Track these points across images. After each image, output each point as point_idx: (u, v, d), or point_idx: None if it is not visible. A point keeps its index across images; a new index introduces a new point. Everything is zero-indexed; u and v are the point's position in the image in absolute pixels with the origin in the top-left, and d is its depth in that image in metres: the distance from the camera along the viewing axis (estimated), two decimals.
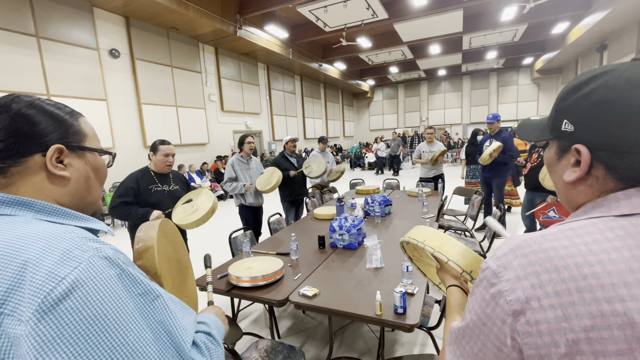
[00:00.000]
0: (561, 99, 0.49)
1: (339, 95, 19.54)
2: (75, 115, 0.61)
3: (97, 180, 0.63)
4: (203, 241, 4.79)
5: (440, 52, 13.09)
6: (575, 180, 0.47)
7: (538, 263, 0.40)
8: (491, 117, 4.40)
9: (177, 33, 8.40)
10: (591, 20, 8.96)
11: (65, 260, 0.44)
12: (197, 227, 2.27)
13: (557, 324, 0.37)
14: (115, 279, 0.47)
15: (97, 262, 0.46)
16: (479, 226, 4.59)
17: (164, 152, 2.43)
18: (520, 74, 17.89)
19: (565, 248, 0.40)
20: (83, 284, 0.43)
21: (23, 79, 5.58)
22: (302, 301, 1.65)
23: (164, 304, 0.53)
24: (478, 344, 0.44)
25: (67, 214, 0.55)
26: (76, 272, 0.43)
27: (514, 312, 0.40)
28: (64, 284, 0.42)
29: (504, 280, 0.42)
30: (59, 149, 0.55)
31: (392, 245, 2.35)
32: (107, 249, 0.49)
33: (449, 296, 0.76)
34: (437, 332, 1.86)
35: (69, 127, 0.58)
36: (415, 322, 1.42)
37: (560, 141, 0.49)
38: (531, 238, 0.44)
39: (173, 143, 8.46)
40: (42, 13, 5.83)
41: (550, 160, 0.53)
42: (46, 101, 0.57)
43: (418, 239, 0.88)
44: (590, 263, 0.38)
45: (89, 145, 0.61)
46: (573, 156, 0.47)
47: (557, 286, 0.38)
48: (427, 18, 9.26)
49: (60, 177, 0.55)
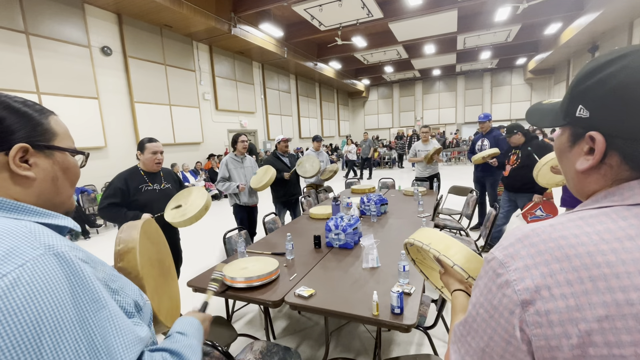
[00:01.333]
0: (577, 83, 0.46)
1: (334, 94, 19.53)
2: (46, 113, 0.58)
3: (67, 181, 0.60)
4: (197, 241, 4.74)
5: (435, 52, 13.15)
6: (587, 169, 0.45)
7: (548, 252, 0.39)
8: (483, 117, 4.45)
9: (170, 31, 8.30)
10: (583, 21, 9.07)
11: (10, 257, 0.41)
12: (190, 224, 2.23)
13: (569, 314, 0.36)
14: (62, 281, 0.44)
15: (46, 260, 0.43)
16: (474, 225, 4.61)
17: (151, 149, 2.38)
18: (513, 74, 18.07)
19: (575, 237, 0.39)
20: (23, 283, 0.40)
21: (11, 76, 5.46)
22: (297, 302, 1.63)
23: (110, 315, 0.50)
24: (485, 338, 0.43)
25: (26, 210, 0.52)
26: (18, 271, 0.40)
27: (523, 301, 0.38)
28: (3, 282, 0.39)
29: (512, 269, 0.40)
30: (23, 148, 0.52)
31: (388, 245, 2.34)
32: (63, 245, 0.47)
33: (454, 300, 0.74)
34: (433, 331, 1.85)
35: (36, 126, 0.55)
36: (413, 322, 1.41)
37: (574, 127, 0.47)
38: (539, 227, 0.42)
39: (167, 142, 8.45)
40: (32, 9, 5.71)
41: (561, 148, 0.51)
42: (14, 98, 0.55)
43: (423, 242, 0.86)
44: (603, 251, 0.37)
45: (59, 144, 0.58)
46: (587, 144, 0.45)
47: (568, 275, 0.37)
48: (421, 18, 9.28)
49: (24, 177, 0.53)
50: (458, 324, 0.49)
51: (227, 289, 1.80)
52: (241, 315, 2.72)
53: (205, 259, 3.94)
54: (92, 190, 6.35)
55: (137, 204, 2.31)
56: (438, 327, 1.97)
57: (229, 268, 1.91)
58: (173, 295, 0.87)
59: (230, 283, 1.80)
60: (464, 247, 0.80)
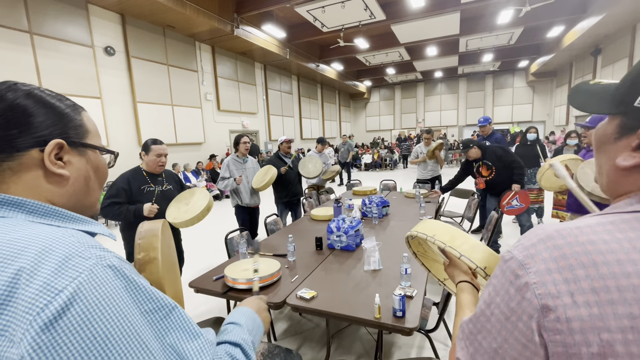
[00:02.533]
0: None
1: (336, 95, 19.55)
2: (78, 108, 0.55)
3: (97, 181, 0.58)
4: (198, 242, 4.74)
5: (437, 54, 13.15)
6: (631, 167, 0.42)
7: (573, 256, 0.37)
8: (482, 120, 4.45)
9: (173, 31, 8.33)
10: (586, 25, 9.06)
11: (64, 270, 0.38)
12: (191, 225, 2.24)
13: (592, 322, 0.35)
14: (122, 291, 0.41)
15: (100, 271, 0.40)
16: (475, 228, 4.60)
17: (156, 152, 2.39)
18: (515, 76, 18.05)
19: (605, 243, 0.37)
20: (83, 297, 0.37)
21: (15, 75, 5.47)
22: (299, 304, 1.63)
23: (180, 317, 0.47)
24: (498, 339, 0.41)
25: (64, 216, 0.49)
26: (75, 284, 0.37)
27: (543, 307, 0.37)
28: (61, 297, 0.36)
29: (532, 272, 0.39)
30: (59, 144, 0.49)
31: (390, 247, 2.33)
32: (112, 256, 0.44)
33: (459, 292, 0.73)
34: (435, 335, 1.85)
35: (70, 121, 0.52)
36: (415, 326, 1.41)
37: (627, 118, 0.42)
38: (565, 229, 0.40)
39: (169, 142, 8.45)
40: (36, 9, 5.74)
41: (604, 138, 0.46)
42: (46, 91, 0.52)
43: (427, 233, 0.83)
44: (635, 261, 0.35)
45: (91, 142, 0.55)
46: (638, 139, 0.41)
47: (594, 283, 0.36)
48: (424, 20, 9.29)
49: (58, 175, 0.50)
50: (468, 320, 0.47)
51: (229, 290, 1.80)
52: None
53: (207, 259, 3.94)
54: None
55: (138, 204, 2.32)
56: (439, 330, 1.97)
57: (231, 269, 1.91)
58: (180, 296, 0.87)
59: (232, 284, 1.80)
60: (469, 237, 0.79)
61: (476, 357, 0.44)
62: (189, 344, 0.47)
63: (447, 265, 0.83)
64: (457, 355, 0.48)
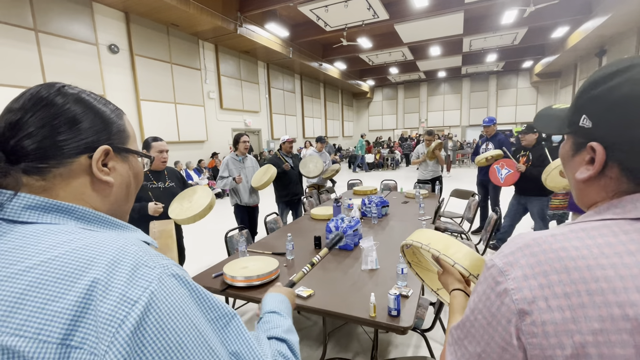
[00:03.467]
0: (582, 93, 0.46)
1: (339, 95, 19.54)
2: (120, 113, 0.55)
3: (136, 187, 0.57)
4: (199, 239, 4.78)
5: (441, 53, 13.11)
6: (587, 179, 0.46)
7: (547, 263, 0.39)
8: (487, 121, 4.42)
9: (177, 29, 8.37)
10: (591, 25, 9.00)
11: (135, 280, 0.37)
12: (193, 222, 2.27)
13: (565, 326, 0.36)
14: (188, 299, 0.41)
15: (167, 281, 0.40)
16: (475, 229, 4.61)
17: (157, 148, 2.42)
18: (519, 77, 17.96)
19: (576, 249, 0.39)
20: (156, 307, 0.37)
21: (20, 72, 5.54)
22: (296, 301, 1.65)
23: (239, 326, 0.48)
24: (482, 343, 0.43)
25: (111, 223, 0.48)
26: (148, 293, 0.37)
27: (520, 311, 0.39)
28: (138, 308, 0.36)
29: (511, 278, 0.41)
30: (106, 151, 0.49)
31: (388, 247, 2.35)
32: (172, 265, 0.43)
33: (452, 300, 0.75)
34: (430, 334, 1.86)
35: (114, 126, 0.51)
36: (409, 325, 1.42)
37: (577, 137, 0.47)
38: (540, 237, 0.42)
39: (171, 140, 8.51)
40: (41, 6, 5.79)
41: (564, 156, 0.52)
42: (92, 95, 0.51)
43: (422, 242, 0.86)
44: (602, 266, 0.37)
45: (132, 146, 0.54)
46: (588, 154, 0.45)
47: (566, 287, 0.37)
48: (428, 19, 9.27)
49: (104, 182, 0.49)
50: (455, 326, 0.49)
51: (228, 287, 1.83)
52: (241, 314, 2.75)
53: (208, 257, 3.97)
54: None
55: (141, 201, 2.35)
56: (435, 329, 1.99)
57: (230, 267, 1.94)
58: None
59: (230, 282, 1.82)
60: (462, 245, 0.81)
61: None
62: (248, 353, 0.48)
63: (441, 274, 0.84)
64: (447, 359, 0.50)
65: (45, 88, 0.47)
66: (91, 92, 0.52)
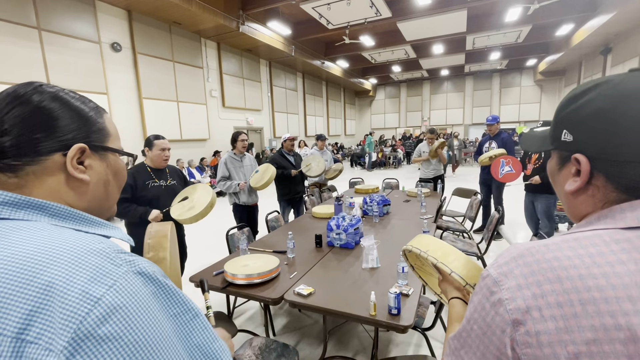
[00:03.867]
0: (560, 109, 0.49)
1: (341, 93, 19.50)
2: (100, 111, 0.55)
3: (116, 185, 0.57)
4: (200, 238, 4.80)
5: (444, 52, 13.04)
6: (576, 190, 0.47)
7: (540, 273, 0.40)
8: (491, 119, 4.39)
9: (179, 28, 8.37)
10: (596, 23, 8.91)
11: (99, 277, 0.37)
12: (195, 222, 2.27)
13: (558, 336, 0.36)
14: (151, 298, 0.42)
15: (132, 279, 0.40)
16: (477, 227, 4.59)
17: (160, 146, 2.43)
18: (523, 75, 17.83)
19: (568, 259, 0.39)
20: (122, 305, 0.37)
21: (24, 70, 5.57)
22: (297, 300, 1.65)
23: (205, 322, 0.48)
24: (477, 353, 0.44)
25: (86, 220, 0.49)
26: (112, 292, 0.37)
27: (514, 321, 0.39)
28: (101, 306, 0.36)
29: (505, 288, 0.41)
30: (81, 149, 0.49)
31: (389, 246, 2.35)
32: (141, 261, 0.44)
33: (450, 308, 0.75)
34: (431, 333, 1.86)
35: (93, 125, 0.52)
36: (409, 324, 1.42)
37: (561, 151, 0.50)
38: (534, 247, 0.43)
39: (174, 138, 8.53)
40: (44, 5, 5.81)
41: (552, 171, 0.54)
42: (70, 94, 0.51)
43: (421, 248, 0.86)
44: (594, 275, 0.37)
45: (112, 145, 0.55)
46: (573, 165, 0.47)
47: (559, 297, 0.38)
48: (430, 17, 9.21)
49: (79, 180, 0.49)
50: (452, 337, 0.50)
51: (228, 285, 1.84)
52: (242, 312, 2.76)
53: (209, 255, 3.99)
54: None
55: (143, 199, 2.36)
56: (436, 328, 1.99)
57: (230, 265, 1.94)
58: None
59: (231, 280, 1.83)
60: (461, 254, 0.81)
61: None
62: (214, 344, 0.49)
63: (441, 281, 0.85)
64: None
65: (23, 86, 0.47)
66: (70, 91, 0.52)
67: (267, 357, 1.59)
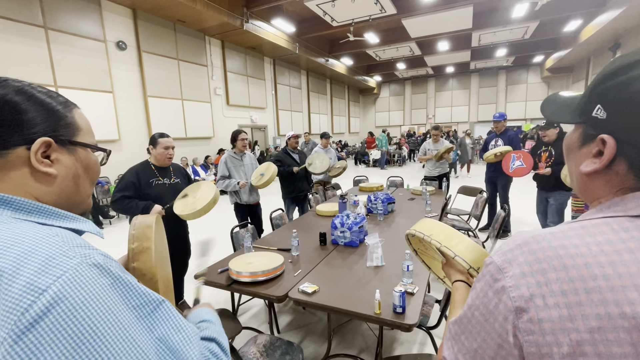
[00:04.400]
0: (598, 82, 0.44)
1: (345, 91, 19.43)
2: (70, 105, 0.54)
3: (88, 179, 0.57)
4: (205, 235, 4.82)
5: (449, 48, 12.92)
6: (592, 172, 0.44)
7: (545, 260, 0.39)
8: (498, 116, 4.33)
9: (183, 26, 8.39)
10: (605, 18, 8.75)
11: (47, 269, 0.38)
12: (198, 217, 2.28)
13: (561, 324, 0.36)
14: (108, 289, 0.42)
15: (85, 270, 0.40)
16: (482, 226, 4.56)
17: (164, 144, 2.44)
18: (530, 72, 17.61)
19: (575, 247, 0.39)
20: (67, 296, 0.37)
21: (31, 70, 5.62)
22: (301, 298, 1.65)
23: (168, 312, 0.48)
24: (478, 339, 0.43)
25: (51, 213, 0.49)
26: (59, 283, 0.37)
27: (517, 309, 0.39)
28: (45, 297, 0.36)
29: (509, 276, 0.41)
30: (46, 143, 0.49)
31: (393, 244, 2.34)
32: (97, 254, 0.44)
33: (454, 292, 0.74)
34: (436, 331, 1.85)
35: (60, 119, 0.51)
36: (414, 322, 1.41)
37: (587, 127, 0.45)
38: (540, 235, 0.42)
39: (178, 136, 8.58)
40: (50, 4, 5.86)
41: (570, 146, 0.49)
42: (37, 88, 0.51)
43: (425, 232, 0.86)
44: (601, 264, 0.37)
45: (82, 140, 0.55)
46: (597, 146, 0.43)
47: (564, 285, 0.37)
48: (436, 14, 9.12)
49: (45, 174, 0.49)
50: (453, 322, 0.49)
51: (233, 282, 1.84)
52: (246, 309, 2.77)
53: (214, 252, 4.01)
54: (106, 182, 6.52)
55: (147, 197, 2.38)
56: (441, 327, 1.97)
57: (235, 262, 1.95)
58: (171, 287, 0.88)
59: (235, 277, 1.83)
60: (465, 237, 0.80)
61: (459, 356, 0.47)
62: (177, 335, 0.48)
63: (444, 265, 0.84)
64: (444, 354, 0.50)
65: None
66: (38, 86, 0.52)
67: (272, 354, 1.60)
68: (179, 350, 0.47)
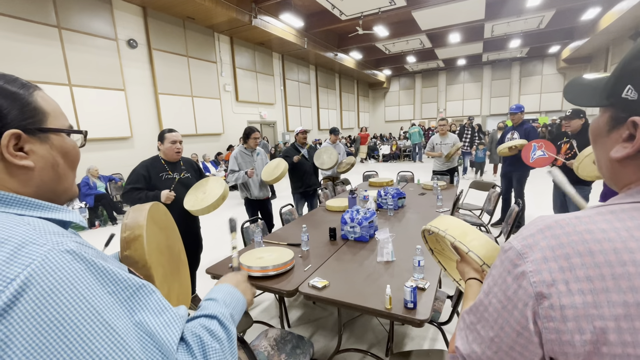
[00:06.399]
0: (630, 60, 0.41)
1: (354, 85, 19.27)
2: (30, 88, 0.50)
3: (68, 166, 0.54)
4: (217, 229, 4.88)
5: (461, 40, 12.63)
6: (623, 157, 0.42)
7: (570, 245, 0.38)
8: (515, 108, 4.18)
9: (193, 23, 8.43)
10: (625, 5, 8.40)
11: (16, 258, 0.37)
12: (208, 213, 2.31)
13: (585, 310, 0.35)
14: (83, 273, 0.41)
15: (56, 256, 0.39)
16: (495, 221, 4.47)
17: (170, 139, 2.47)
18: (545, 63, 17.09)
19: (603, 232, 0.37)
20: (35, 284, 0.36)
21: (45, 69, 5.75)
22: (311, 292, 1.65)
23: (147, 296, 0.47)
24: (495, 328, 0.42)
25: (28, 204, 0.47)
26: (27, 272, 0.36)
27: (537, 294, 0.38)
28: (13, 286, 0.35)
29: (529, 261, 0.39)
30: (15, 135, 0.46)
31: (404, 239, 2.32)
32: (70, 241, 0.42)
33: (467, 289, 0.72)
34: (447, 327, 1.83)
35: (24, 106, 0.47)
36: (426, 318, 1.40)
37: (616, 110, 0.43)
38: (564, 219, 0.40)
39: (189, 133, 8.67)
40: (63, 4, 5.96)
41: (597, 131, 0.46)
42: None
43: (440, 227, 0.84)
44: (631, 249, 0.35)
45: (52, 125, 0.51)
46: (627, 129, 0.41)
47: (589, 271, 0.36)
48: (447, 5, 8.91)
49: (22, 167, 0.47)
50: (468, 310, 0.48)
51: None
52: (257, 303, 2.80)
53: (225, 247, 4.06)
54: (120, 179, 6.65)
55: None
56: (453, 323, 1.95)
57: (246, 257, 1.96)
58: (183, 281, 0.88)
59: (246, 272, 1.84)
60: (481, 234, 0.78)
61: (473, 346, 0.45)
62: (156, 319, 0.47)
63: (458, 262, 0.82)
64: (456, 344, 0.48)
65: None
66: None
67: (283, 348, 1.61)
68: (156, 334, 0.45)
